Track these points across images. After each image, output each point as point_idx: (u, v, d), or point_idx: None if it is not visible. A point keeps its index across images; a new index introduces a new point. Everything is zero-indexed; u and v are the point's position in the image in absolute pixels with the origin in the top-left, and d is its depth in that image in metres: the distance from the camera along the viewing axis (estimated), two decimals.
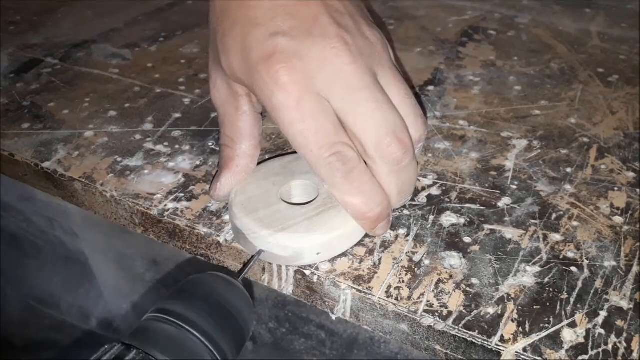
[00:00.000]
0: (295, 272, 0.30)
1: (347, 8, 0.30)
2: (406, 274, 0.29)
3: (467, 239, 0.31)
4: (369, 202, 0.29)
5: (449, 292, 0.28)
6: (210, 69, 0.33)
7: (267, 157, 0.38)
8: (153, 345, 0.23)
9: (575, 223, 0.33)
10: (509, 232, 0.32)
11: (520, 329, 0.26)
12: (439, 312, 0.27)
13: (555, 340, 0.26)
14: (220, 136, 0.33)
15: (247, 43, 0.29)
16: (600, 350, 0.26)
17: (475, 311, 0.27)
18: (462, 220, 0.33)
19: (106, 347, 0.23)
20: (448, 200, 0.34)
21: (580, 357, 0.25)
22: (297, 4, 0.29)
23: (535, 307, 0.28)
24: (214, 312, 0.25)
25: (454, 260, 0.30)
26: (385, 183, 0.29)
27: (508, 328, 0.27)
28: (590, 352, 0.25)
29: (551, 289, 0.28)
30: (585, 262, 0.30)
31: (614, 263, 0.30)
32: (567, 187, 0.35)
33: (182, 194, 0.35)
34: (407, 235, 0.32)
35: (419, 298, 0.28)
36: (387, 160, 0.29)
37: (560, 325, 0.27)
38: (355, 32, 0.29)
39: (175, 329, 0.24)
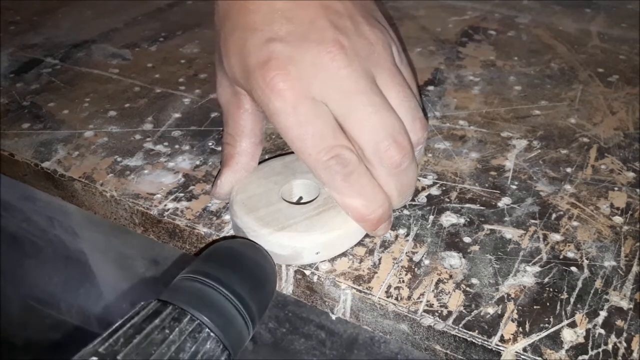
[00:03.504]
0: (295, 272, 0.30)
1: (347, 8, 0.30)
2: (406, 274, 0.29)
3: (467, 239, 0.31)
4: (369, 205, 0.29)
5: (449, 292, 0.28)
6: (217, 69, 0.33)
7: (267, 157, 0.38)
8: (187, 302, 0.24)
9: (575, 223, 0.33)
10: (509, 232, 0.32)
11: (520, 329, 0.26)
12: (439, 312, 0.27)
13: (555, 340, 0.26)
14: (223, 134, 0.33)
15: (245, 48, 0.29)
16: (600, 350, 0.26)
17: (475, 311, 0.27)
18: (462, 220, 0.33)
19: (142, 303, 0.23)
20: (448, 200, 0.34)
21: (580, 357, 0.25)
22: (296, 7, 0.29)
23: (535, 307, 0.28)
24: (243, 274, 0.26)
25: (454, 260, 0.30)
26: (385, 186, 0.29)
27: (508, 328, 0.27)
28: (590, 352, 0.25)
29: (551, 289, 0.28)
30: (585, 262, 0.30)
31: (614, 263, 0.30)
32: (567, 187, 0.35)
33: (182, 194, 0.35)
34: (407, 235, 0.32)
35: (419, 298, 0.28)
36: (386, 164, 0.29)
37: (560, 325, 0.27)
38: (353, 34, 0.29)
39: (209, 287, 0.25)
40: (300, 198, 0.33)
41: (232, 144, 0.32)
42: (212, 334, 0.23)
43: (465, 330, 0.26)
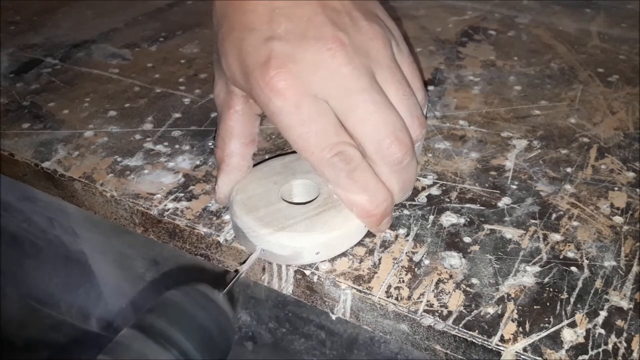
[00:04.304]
0: (295, 272, 0.30)
1: (345, 5, 0.30)
2: (406, 274, 0.29)
3: (467, 239, 0.31)
4: (373, 200, 0.29)
5: (449, 292, 0.28)
6: (215, 69, 0.33)
7: (267, 157, 0.38)
8: None
9: (575, 223, 0.33)
10: (509, 232, 0.32)
11: (520, 329, 0.26)
12: (439, 312, 0.27)
13: (555, 340, 0.26)
14: (215, 136, 0.33)
15: (243, 48, 0.29)
16: (600, 350, 0.26)
17: (475, 311, 0.27)
18: (462, 220, 0.33)
19: None
20: (448, 200, 0.34)
21: (580, 357, 0.25)
22: (293, 5, 0.29)
23: (535, 307, 0.28)
24: (192, 329, 0.24)
25: (454, 260, 0.30)
26: (388, 181, 0.30)
27: (508, 328, 0.26)
28: (590, 352, 0.25)
29: (551, 289, 0.28)
30: (585, 262, 0.30)
31: (614, 263, 0.30)
32: (567, 187, 0.35)
33: (182, 194, 0.35)
34: (407, 235, 0.32)
35: (419, 298, 0.28)
36: (388, 161, 0.29)
37: (560, 325, 0.27)
38: (352, 30, 0.29)
39: (152, 345, 0.23)
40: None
41: (221, 146, 0.32)
42: None
43: (465, 330, 0.26)
